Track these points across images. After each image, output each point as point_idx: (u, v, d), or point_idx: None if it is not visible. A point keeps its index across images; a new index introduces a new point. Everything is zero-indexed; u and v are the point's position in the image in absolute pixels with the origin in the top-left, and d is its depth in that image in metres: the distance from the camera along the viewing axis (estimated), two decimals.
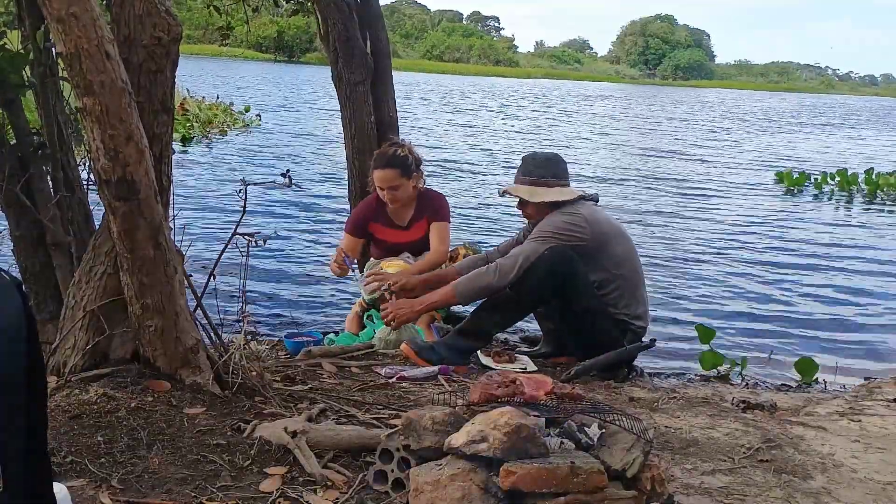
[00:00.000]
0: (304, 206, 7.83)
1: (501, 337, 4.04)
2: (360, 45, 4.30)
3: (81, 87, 2.10)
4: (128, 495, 1.89)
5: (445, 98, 29.26)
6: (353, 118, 4.36)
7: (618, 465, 1.86)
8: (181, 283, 2.42)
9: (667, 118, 27.33)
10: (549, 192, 3.37)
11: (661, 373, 3.74)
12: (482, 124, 19.39)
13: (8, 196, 2.76)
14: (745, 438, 2.62)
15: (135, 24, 2.29)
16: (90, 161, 2.25)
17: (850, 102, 58.90)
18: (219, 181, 8.95)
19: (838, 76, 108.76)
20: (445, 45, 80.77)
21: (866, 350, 4.58)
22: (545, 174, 3.40)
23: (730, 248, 7.17)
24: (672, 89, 66.29)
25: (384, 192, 3.78)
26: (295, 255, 5.98)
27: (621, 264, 3.38)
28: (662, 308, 4.99)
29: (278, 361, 3.18)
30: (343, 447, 2.19)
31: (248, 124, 15.38)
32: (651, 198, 9.81)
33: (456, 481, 1.80)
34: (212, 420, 2.28)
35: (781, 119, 31.16)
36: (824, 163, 14.50)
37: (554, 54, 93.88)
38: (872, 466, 2.49)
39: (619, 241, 3.41)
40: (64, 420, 2.17)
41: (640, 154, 15.20)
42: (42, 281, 2.89)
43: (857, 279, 6.27)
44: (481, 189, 9.65)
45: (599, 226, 3.35)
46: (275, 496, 1.93)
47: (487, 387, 2.07)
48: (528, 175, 3.44)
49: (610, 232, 3.40)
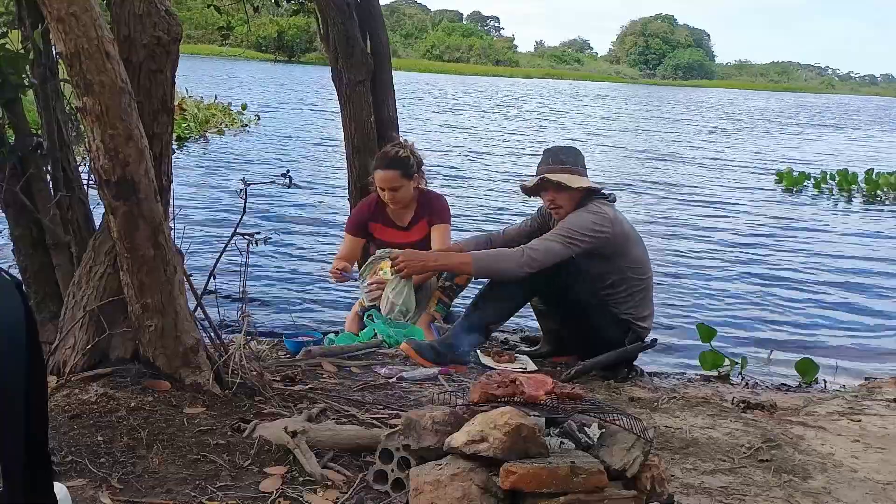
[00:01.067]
0: (304, 206, 7.83)
1: (501, 337, 4.05)
2: (360, 45, 4.30)
3: (81, 86, 2.10)
4: (128, 495, 1.89)
5: (437, 99, 28.93)
6: (352, 118, 4.36)
7: (618, 464, 1.85)
8: (181, 283, 2.42)
9: (664, 118, 27.32)
10: (583, 180, 3.37)
11: (661, 373, 3.74)
12: (471, 126, 19.09)
13: (8, 196, 2.75)
14: (745, 438, 2.62)
15: (135, 23, 2.29)
16: (90, 161, 2.25)
17: (853, 102, 58.88)
18: (214, 181, 8.94)
19: (838, 76, 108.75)
20: (445, 44, 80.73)
21: (866, 350, 4.58)
22: (575, 163, 3.41)
23: (729, 247, 7.18)
24: (672, 89, 66.27)
25: (385, 193, 3.77)
26: (295, 255, 5.97)
27: (636, 267, 3.39)
28: (662, 308, 4.99)
29: (278, 361, 3.18)
30: (343, 447, 2.19)
31: (245, 124, 15.36)
32: (650, 197, 9.82)
33: (456, 481, 1.80)
34: (212, 420, 2.28)
35: (779, 119, 31.14)
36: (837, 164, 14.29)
37: (554, 54, 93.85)
38: (872, 466, 2.49)
39: (637, 244, 3.43)
40: (64, 420, 2.17)
41: (640, 154, 15.19)
42: (42, 281, 2.89)
43: (858, 279, 6.27)
44: (464, 191, 9.59)
45: (622, 226, 3.36)
46: (275, 496, 1.93)
47: (487, 387, 2.07)
48: (558, 163, 3.41)
49: (630, 234, 3.41)
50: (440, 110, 22.51)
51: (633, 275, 3.38)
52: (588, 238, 3.24)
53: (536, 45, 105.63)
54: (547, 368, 3.43)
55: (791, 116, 33.66)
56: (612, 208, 3.38)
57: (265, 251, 5.26)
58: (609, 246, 3.29)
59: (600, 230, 3.26)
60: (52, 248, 2.84)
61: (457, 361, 3.30)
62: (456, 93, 34.41)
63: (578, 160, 3.44)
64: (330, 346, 3.43)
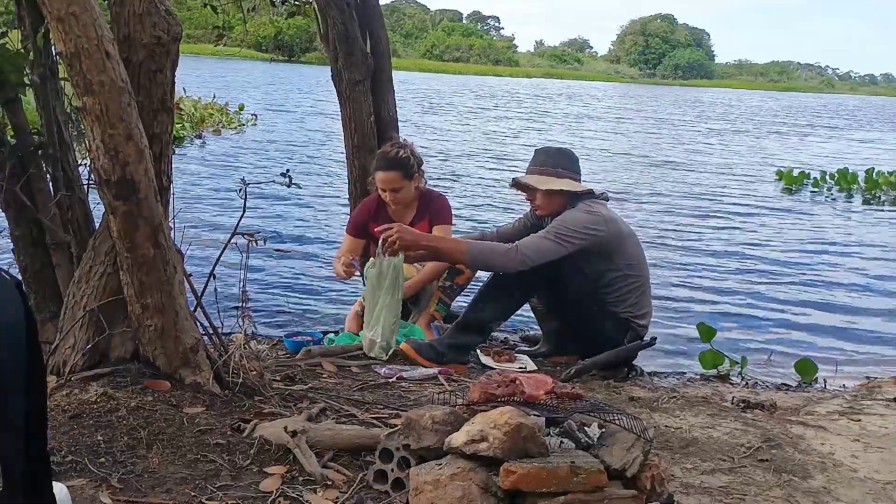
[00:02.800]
0: (303, 206, 7.83)
1: (501, 337, 4.05)
2: (360, 45, 4.30)
3: (81, 86, 2.10)
4: (128, 495, 1.89)
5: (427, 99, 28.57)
6: (352, 117, 4.35)
7: (618, 464, 1.86)
8: (181, 283, 2.42)
9: (664, 118, 27.31)
10: (558, 182, 3.38)
11: (661, 372, 3.74)
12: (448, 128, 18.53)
13: (8, 196, 2.75)
14: (745, 438, 2.62)
15: (135, 23, 2.28)
16: (90, 161, 2.25)
17: (853, 102, 58.88)
18: (209, 180, 8.93)
19: (838, 76, 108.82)
20: (445, 44, 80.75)
21: (866, 350, 4.58)
22: (555, 165, 3.42)
23: (729, 246, 7.17)
24: (672, 89, 66.26)
25: (386, 194, 3.77)
26: (295, 255, 5.97)
27: (633, 265, 3.40)
28: (661, 307, 4.99)
29: (278, 361, 3.18)
30: (343, 447, 2.19)
31: (243, 124, 15.34)
32: (649, 198, 9.81)
33: (456, 481, 1.80)
34: (212, 420, 2.28)
35: (778, 119, 31.13)
36: (836, 164, 14.20)
37: (554, 54, 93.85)
38: (872, 466, 2.49)
39: (632, 242, 3.45)
40: (64, 420, 2.17)
41: (640, 154, 15.18)
42: (42, 281, 2.88)
43: (857, 278, 6.27)
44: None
45: (617, 225, 3.37)
46: (275, 496, 1.93)
47: (487, 386, 2.07)
48: (538, 165, 3.46)
49: (626, 232, 3.43)
50: (422, 111, 22.24)
51: (630, 272, 3.38)
52: (580, 236, 3.25)
53: (536, 45, 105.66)
54: (547, 368, 3.43)
55: (791, 116, 33.66)
56: (605, 207, 3.39)
57: (264, 251, 5.26)
58: (604, 245, 3.30)
59: (593, 229, 3.27)
60: (52, 248, 2.84)
61: (457, 361, 3.30)
62: (444, 92, 34.22)
63: (563, 162, 3.44)
64: (330, 345, 3.44)
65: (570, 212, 3.33)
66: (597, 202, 3.39)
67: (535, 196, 3.47)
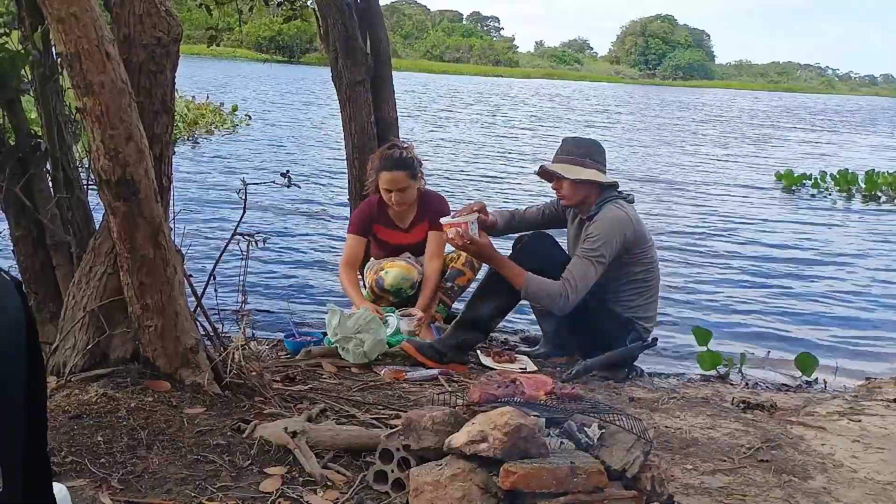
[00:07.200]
0: (303, 206, 7.82)
1: (501, 337, 4.05)
2: (360, 45, 4.30)
3: (81, 87, 2.10)
4: (128, 495, 1.89)
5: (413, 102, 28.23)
6: (352, 118, 4.36)
7: (618, 465, 1.86)
8: (181, 283, 2.42)
9: (663, 118, 27.30)
10: (585, 172, 3.37)
11: (661, 373, 3.73)
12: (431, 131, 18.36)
13: (8, 196, 2.75)
14: (745, 438, 2.62)
15: (135, 24, 2.29)
16: (90, 161, 2.25)
17: (852, 102, 58.87)
18: (204, 180, 8.92)
19: (838, 76, 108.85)
20: (445, 45, 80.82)
21: (866, 350, 4.57)
22: (582, 154, 3.41)
23: (728, 246, 7.17)
24: (672, 89, 66.24)
25: (391, 195, 3.76)
26: (294, 255, 5.97)
27: (649, 267, 3.42)
28: (661, 308, 4.97)
29: (278, 361, 3.18)
30: (343, 447, 2.19)
31: (236, 124, 15.29)
32: (649, 198, 9.81)
33: (456, 481, 1.80)
34: (212, 420, 2.28)
35: (778, 119, 31.12)
36: (836, 164, 14.15)
37: (554, 54, 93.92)
38: (872, 466, 2.49)
39: (651, 245, 3.47)
40: (64, 420, 2.17)
41: (639, 154, 15.18)
42: (42, 281, 2.88)
43: (857, 278, 6.26)
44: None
45: (641, 227, 3.38)
46: (275, 496, 1.93)
47: (487, 387, 2.07)
48: (566, 154, 3.45)
49: (646, 235, 3.44)
50: (409, 113, 22.08)
51: (645, 275, 3.40)
52: (614, 247, 3.27)
53: (536, 46, 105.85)
54: (547, 368, 3.43)
55: (791, 117, 33.65)
56: (631, 209, 3.39)
57: (264, 251, 5.26)
58: (629, 246, 3.31)
59: (622, 234, 3.28)
60: (52, 248, 2.84)
61: (458, 360, 3.30)
62: (445, 92, 34.06)
63: (590, 152, 3.44)
64: (330, 346, 3.44)
65: (598, 224, 3.30)
66: (622, 205, 3.37)
67: (560, 185, 3.43)
